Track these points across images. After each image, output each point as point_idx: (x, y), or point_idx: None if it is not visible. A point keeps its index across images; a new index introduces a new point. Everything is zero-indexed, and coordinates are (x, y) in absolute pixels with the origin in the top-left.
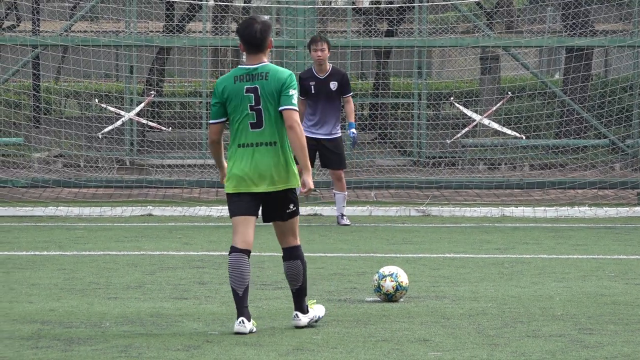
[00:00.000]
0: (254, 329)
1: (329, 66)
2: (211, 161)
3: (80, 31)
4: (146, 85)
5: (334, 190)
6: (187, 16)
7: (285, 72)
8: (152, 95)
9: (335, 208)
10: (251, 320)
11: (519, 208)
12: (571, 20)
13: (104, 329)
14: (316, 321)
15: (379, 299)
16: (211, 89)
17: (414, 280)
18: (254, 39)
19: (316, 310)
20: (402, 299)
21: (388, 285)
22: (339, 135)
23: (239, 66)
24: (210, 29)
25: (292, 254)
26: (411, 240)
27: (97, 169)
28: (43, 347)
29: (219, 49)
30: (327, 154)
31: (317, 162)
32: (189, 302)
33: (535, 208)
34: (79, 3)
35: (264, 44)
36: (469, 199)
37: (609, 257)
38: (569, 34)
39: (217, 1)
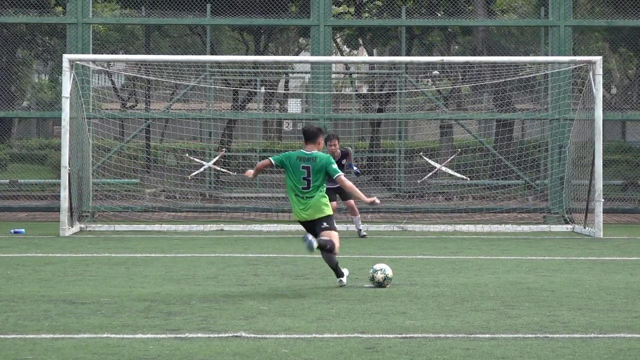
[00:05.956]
0: None
1: (339, 151)
2: (262, 194)
3: (177, 109)
4: (220, 144)
5: (351, 216)
6: (247, 99)
7: (325, 156)
8: (224, 151)
9: (354, 226)
10: None
11: (465, 225)
12: (499, 102)
13: (192, 305)
14: None
15: (373, 285)
16: (262, 147)
17: (396, 273)
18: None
19: None
20: (388, 286)
21: (379, 276)
22: None
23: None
24: (262, 107)
25: None
26: (394, 247)
27: (187, 200)
28: (151, 316)
29: (267, 121)
30: (343, 193)
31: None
32: (247, 287)
33: (476, 225)
34: (176, 90)
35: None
36: (433, 219)
37: (525, 258)
38: (498, 111)
39: (266, 90)
